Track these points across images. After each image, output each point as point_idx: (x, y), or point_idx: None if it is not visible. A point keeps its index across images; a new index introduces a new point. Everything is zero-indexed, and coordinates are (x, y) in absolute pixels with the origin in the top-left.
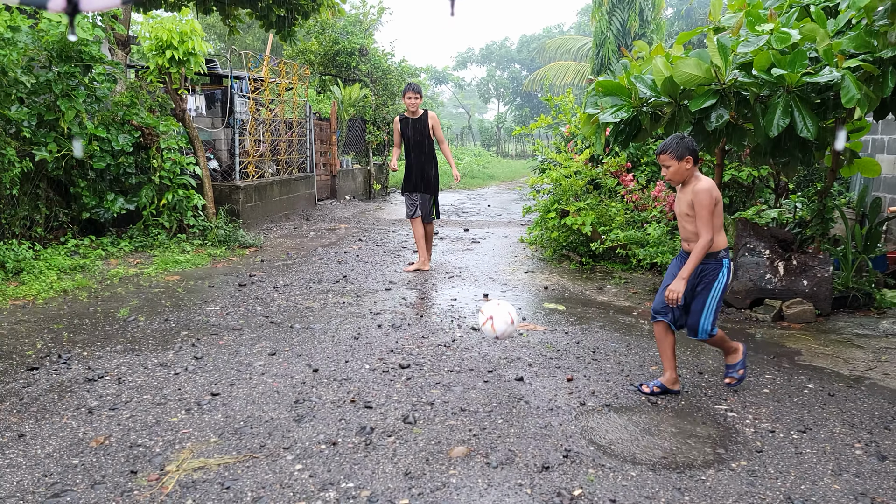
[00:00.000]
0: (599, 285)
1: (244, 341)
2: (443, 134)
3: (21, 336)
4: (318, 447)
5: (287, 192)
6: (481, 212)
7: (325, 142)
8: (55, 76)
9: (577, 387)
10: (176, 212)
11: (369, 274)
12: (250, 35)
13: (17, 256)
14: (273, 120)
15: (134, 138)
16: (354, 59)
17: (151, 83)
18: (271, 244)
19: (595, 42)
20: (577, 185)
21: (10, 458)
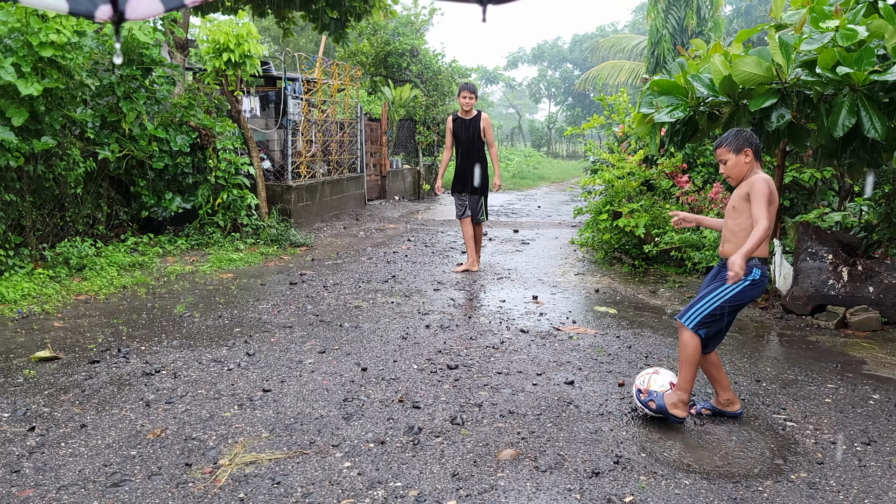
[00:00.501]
0: (652, 289)
1: (295, 339)
2: (493, 137)
3: (83, 330)
4: (367, 445)
5: (337, 192)
6: (531, 213)
7: (375, 142)
8: (118, 79)
9: (629, 392)
10: (230, 211)
11: (418, 274)
12: (304, 37)
13: (80, 253)
14: (325, 121)
15: (191, 139)
16: (405, 59)
17: (208, 85)
18: (322, 243)
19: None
20: (631, 186)
21: (73, 447)
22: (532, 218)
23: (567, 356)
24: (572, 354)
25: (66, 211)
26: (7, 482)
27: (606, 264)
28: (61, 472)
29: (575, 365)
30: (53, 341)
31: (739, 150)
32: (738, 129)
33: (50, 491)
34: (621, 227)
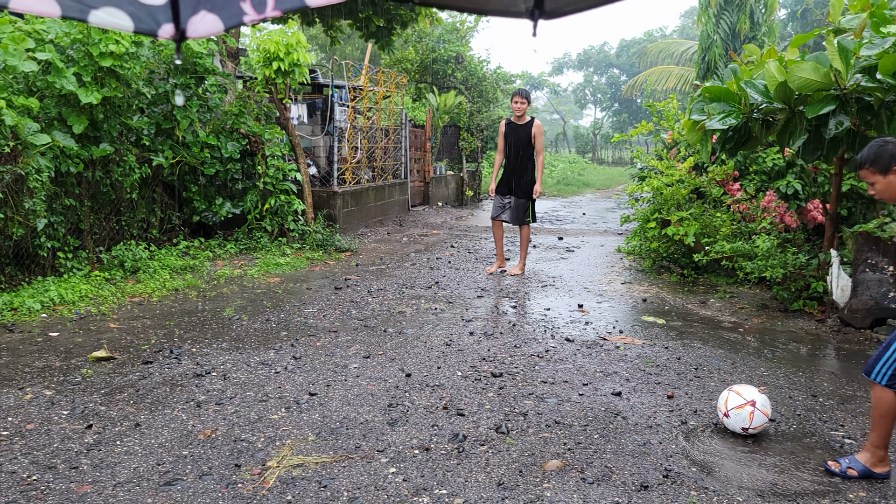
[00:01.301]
0: (702, 299)
1: (340, 343)
2: (542, 145)
3: (137, 331)
4: (412, 452)
5: (382, 197)
6: (576, 220)
7: (419, 148)
8: (172, 87)
9: (678, 404)
10: (277, 216)
11: (461, 280)
12: (350, 45)
13: (134, 256)
14: (370, 127)
15: (241, 146)
16: (450, 66)
17: (258, 93)
18: (366, 249)
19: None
20: (680, 193)
21: (128, 445)
22: (577, 225)
23: (614, 366)
24: (619, 365)
25: (122, 215)
26: (67, 478)
27: (654, 273)
28: (117, 469)
29: (622, 376)
30: (109, 342)
31: (888, 170)
32: (881, 143)
33: (107, 487)
34: (670, 235)
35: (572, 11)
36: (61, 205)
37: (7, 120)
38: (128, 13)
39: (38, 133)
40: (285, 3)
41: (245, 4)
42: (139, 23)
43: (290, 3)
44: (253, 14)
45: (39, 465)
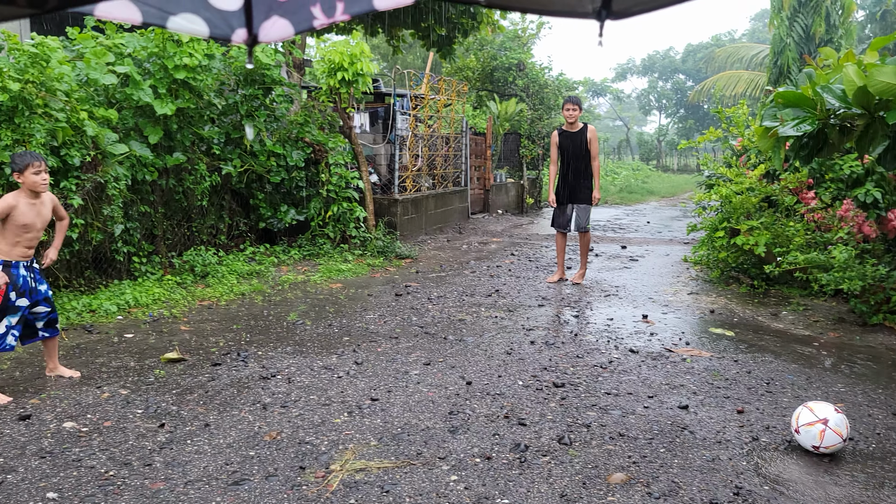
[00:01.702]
0: (773, 311)
1: (400, 350)
2: (598, 150)
3: (206, 334)
4: (473, 460)
5: (441, 205)
6: (639, 228)
7: (479, 156)
8: (241, 98)
9: (748, 420)
10: (340, 223)
11: (521, 289)
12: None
13: (204, 261)
14: (431, 135)
15: (306, 154)
16: (511, 74)
17: (323, 102)
18: (426, 256)
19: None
20: (750, 202)
21: (198, 444)
22: (641, 234)
23: (680, 379)
24: (686, 377)
25: (193, 222)
26: (141, 474)
27: (722, 284)
28: (188, 467)
29: (689, 389)
30: (180, 343)
31: None
32: None
33: (178, 485)
34: (739, 245)
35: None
36: (137, 211)
37: (89, 130)
38: (204, 19)
39: (117, 143)
40: (354, 7)
41: (315, 9)
42: (214, 28)
43: (359, 6)
44: (322, 18)
45: (116, 462)
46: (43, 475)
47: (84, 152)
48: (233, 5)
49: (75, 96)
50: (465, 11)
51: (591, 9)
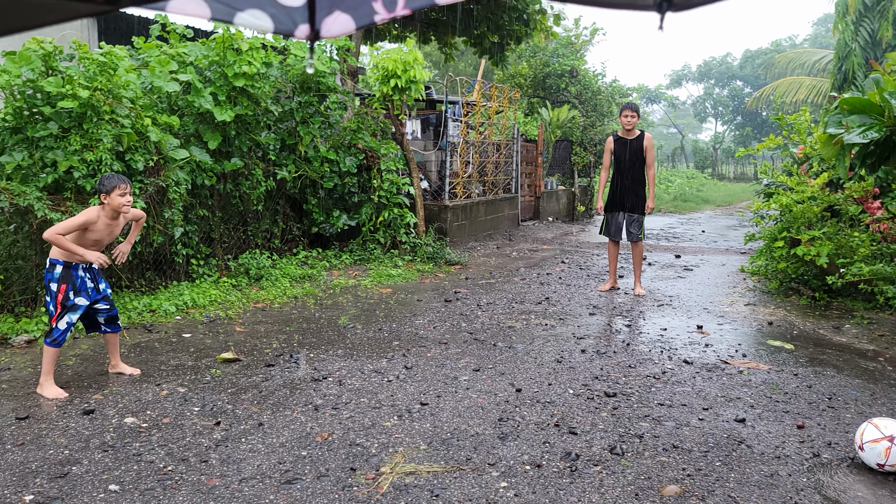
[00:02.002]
0: (836, 324)
1: (450, 355)
2: (654, 158)
3: (260, 336)
4: (523, 467)
5: (491, 212)
6: (694, 237)
7: (530, 163)
8: (297, 105)
9: (809, 435)
10: (390, 229)
11: (572, 297)
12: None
13: (258, 264)
14: (482, 142)
15: (358, 160)
16: (564, 80)
17: (375, 109)
18: (475, 262)
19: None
20: (812, 211)
21: (252, 443)
22: (695, 243)
23: (737, 392)
24: (743, 390)
25: (248, 226)
26: (197, 470)
27: (781, 295)
28: (242, 465)
29: (746, 402)
30: (235, 344)
31: None
32: None
33: (233, 482)
34: (800, 255)
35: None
36: (196, 215)
37: (152, 136)
38: (269, 14)
39: (178, 148)
40: (415, 2)
41: (377, 4)
42: (278, 23)
43: (420, 1)
44: (384, 13)
45: (174, 457)
46: (105, 468)
47: (147, 157)
48: (298, 1)
49: (140, 103)
50: (518, 18)
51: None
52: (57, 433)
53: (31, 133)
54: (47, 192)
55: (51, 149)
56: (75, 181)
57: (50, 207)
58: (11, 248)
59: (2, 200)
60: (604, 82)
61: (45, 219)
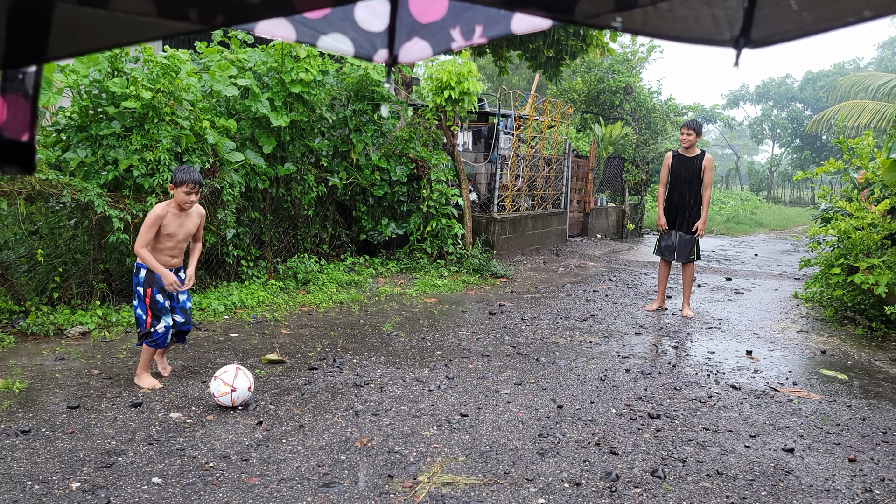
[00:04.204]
0: (893, 356)
1: (492, 368)
2: (711, 180)
3: (305, 339)
4: (562, 485)
5: (539, 226)
6: (746, 260)
7: (580, 179)
8: (351, 113)
9: (861, 469)
10: (438, 239)
11: (618, 315)
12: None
13: (306, 269)
14: (533, 156)
15: (409, 170)
16: (618, 97)
17: (428, 120)
18: (521, 276)
19: None
20: (871, 238)
21: (292, 444)
22: (747, 266)
23: (786, 420)
24: (792, 419)
25: (298, 230)
26: (238, 468)
27: (836, 324)
28: (282, 465)
29: (795, 431)
30: (280, 346)
31: None
32: None
33: (272, 482)
34: (857, 283)
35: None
36: (248, 217)
37: (210, 139)
38: (350, 39)
39: (234, 151)
40: (492, 30)
41: (455, 31)
42: (359, 48)
43: (497, 30)
44: (461, 41)
45: (216, 454)
46: (150, 460)
47: (204, 159)
48: (378, 27)
49: (199, 106)
50: (575, 33)
51: (729, 37)
52: (105, 424)
53: (94, 131)
54: (107, 189)
55: (113, 147)
56: (134, 179)
57: (109, 204)
58: (71, 242)
59: (64, 195)
60: (659, 100)
61: (104, 215)
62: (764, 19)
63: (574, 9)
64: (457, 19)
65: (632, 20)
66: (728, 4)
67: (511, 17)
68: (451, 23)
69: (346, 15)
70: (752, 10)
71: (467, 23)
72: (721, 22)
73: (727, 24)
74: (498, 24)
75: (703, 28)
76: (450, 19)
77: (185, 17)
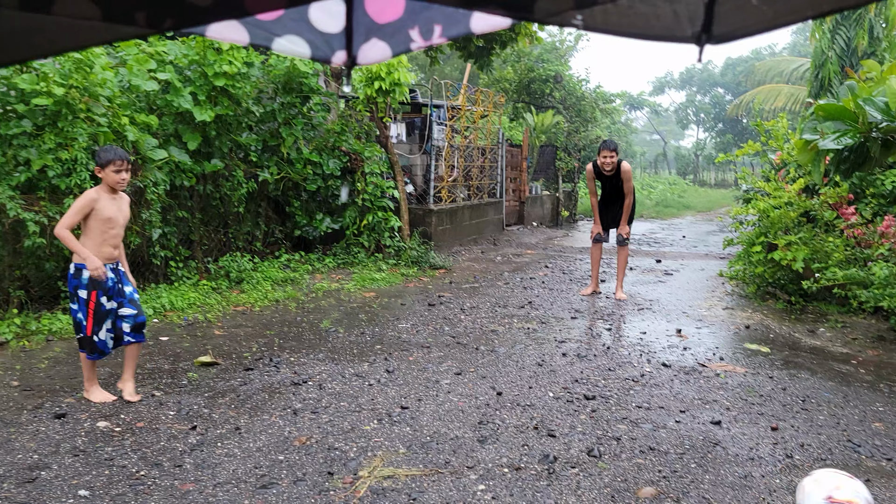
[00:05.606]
0: (811, 328)
1: (432, 359)
2: (631, 188)
3: (240, 339)
4: (501, 470)
5: (476, 216)
6: (675, 243)
7: (514, 168)
8: (279, 106)
9: (782, 437)
10: (374, 232)
11: (555, 301)
12: (449, 65)
13: (239, 267)
14: (467, 146)
15: (342, 163)
16: (549, 86)
17: (360, 112)
18: (459, 267)
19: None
20: (788, 216)
21: (228, 447)
22: (676, 248)
23: (713, 394)
24: (719, 393)
25: (229, 228)
26: (171, 475)
27: (758, 299)
28: (217, 470)
29: (722, 404)
30: (214, 348)
31: None
32: None
33: (207, 487)
34: (777, 260)
35: (742, 36)
36: (174, 216)
37: (129, 136)
38: (307, 41)
39: (157, 148)
40: (451, 30)
41: (413, 32)
42: (316, 50)
43: (457, 29)
44: (420, 41)
45: (147, 462)
46: (76, 473)
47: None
48: (335, 28)
49: (117, 102)
50: None
51: (690, 33)
52: (26, 437)
53: (3, 131)
54: (20, 192)
55: (24, 147)
56: (49, 180)
57: (23, 207)
58: None
59: None
60: (588, 88)
61: (18, 218)
62: (725, 14)
63: (533, 7)
64: (415, 19)
65: (592, 18)
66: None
67: (470, 17)
68: (410, 23)
69: (301, 16)
70: (712, 6)
71: (426, 23)
72: (682, 18)
73: (688, 21)
74: (457, 24)
75: (664, 25)
76: (408, 19)
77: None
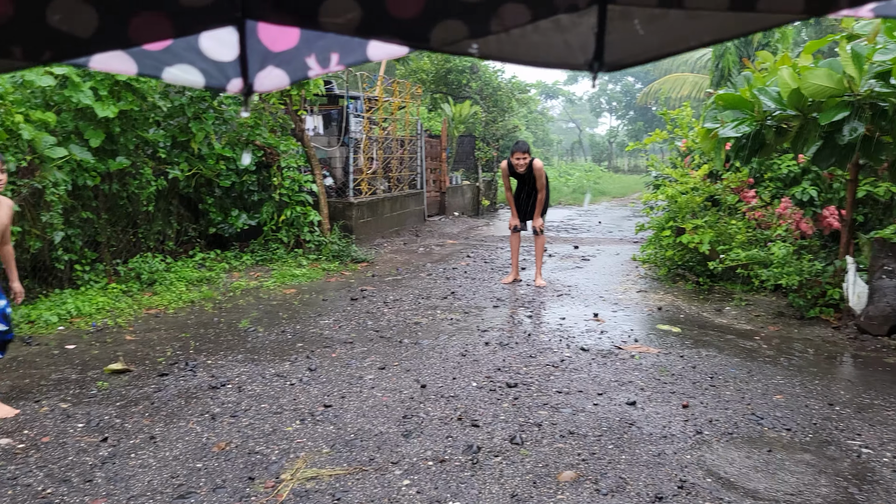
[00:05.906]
0: (718, 307)
1: (355, 355)
2: (544, 184)
3: (153, 343)
4: (426, 464)
5: (398, 208)
6: (591, 228)
7: (434, 158)
8: (188, 100)
9: (693, 414)
10: (293, 227)
11: (477, 290)
12: None
13: (151, 268)
14: (386, 138)
15: (257, 157)
16: (465, 76)
17: (274, 105)
18: (382, 259)
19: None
20: (695, 201)
21: (142, 458)
22: (593, 234)
23: (629, 376)
24: (634, 374)
25: (139, 228)
26: (81, 491)
27: (669, 281)
28: (131, 482)
29: (637, 385)
30: (125, 354)
31: None
32: None
33: (121, 501)
34: (685, 243)
35: (632, 63)
36: (78, 218)
37: (24, 134)
38: (199, 69)
39: (55, 147)
40: (348, 58)
41: (310, 59)
42: (210, 78)
43: (353, 57)
44: (318, 69)
45: (54, 479)
46: None
47: (20, 157)
48: (228, 56)
49: (10, 99)
50: None
51: (583, 61)
52: None
53: None
54: None
55: None
56: None
57: None
58: None
59: None
60: (503, 78)
61: None
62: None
63: (429, 36)
64: (311, 47)
65: (487, 46)
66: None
67: (367, 45)
68: (306, 51)
69: (191, 46)
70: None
71: (322, 51)
72: (574, 47)
73: (580, 50)
74: (354, 52)
75: (556, 53)
76: (303, 48)
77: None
